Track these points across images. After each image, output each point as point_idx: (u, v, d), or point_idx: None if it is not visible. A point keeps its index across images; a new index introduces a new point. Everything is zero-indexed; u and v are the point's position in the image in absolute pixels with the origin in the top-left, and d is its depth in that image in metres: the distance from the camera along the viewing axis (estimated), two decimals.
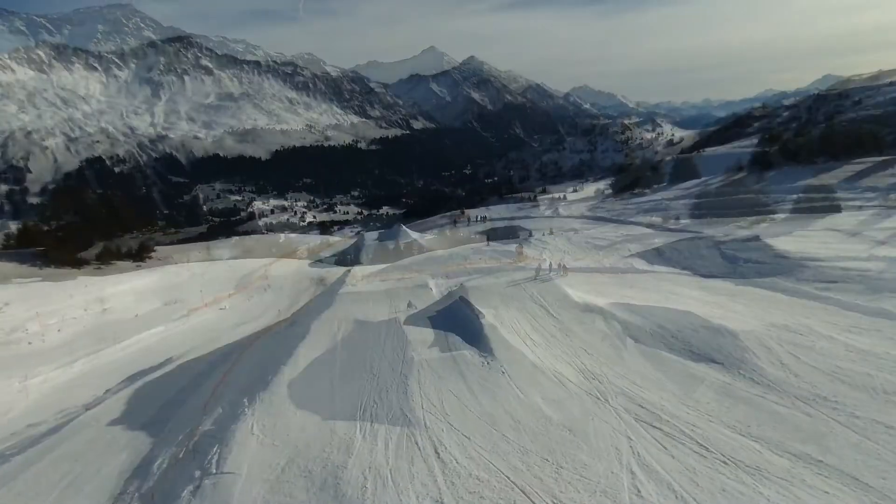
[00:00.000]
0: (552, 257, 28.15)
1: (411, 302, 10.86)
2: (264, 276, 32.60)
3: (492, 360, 8.84)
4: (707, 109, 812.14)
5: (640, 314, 10.54)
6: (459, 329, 10.00)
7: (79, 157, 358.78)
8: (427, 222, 53.80)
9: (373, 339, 9.74)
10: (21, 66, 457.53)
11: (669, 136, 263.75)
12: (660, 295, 12.56)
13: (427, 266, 13.51)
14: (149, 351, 21.31)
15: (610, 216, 40.46)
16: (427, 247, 33.54)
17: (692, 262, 15.70)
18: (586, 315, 9.96)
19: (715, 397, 7.01)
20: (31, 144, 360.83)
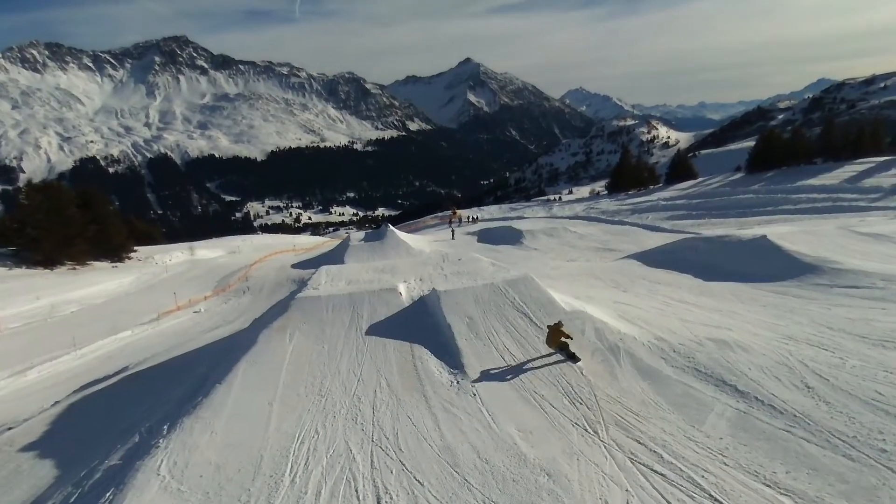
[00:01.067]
0: (543, 258, 26.89)
1: (377, 308, 9.48)
2: (244, 277, 31.19)
3: (462, 379, 7.50)
4: (702, 112, 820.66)
5: (635, 323, 9.22)
6: (428, 340, 8.64)
7: (73, 156, 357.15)
8: (418, 223, 52.43)
9: (327, 353, 8.37)
10: (15, 65, 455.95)
11: (665, 138, 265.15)
12: (657, 301, 11.24)
13: (400, 268, 12.13)
14: (109, 358, 19.88)
15: (605, 216, 39.20)
16: (415, 248, 32.16)
17: (692, 265, 14.37)
18: (574, 324, 8.62)
19: (728, 430, 5.68)
20: (25, 144, 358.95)
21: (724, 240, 14.94)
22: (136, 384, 10.13)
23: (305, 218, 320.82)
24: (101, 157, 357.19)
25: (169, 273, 34.81)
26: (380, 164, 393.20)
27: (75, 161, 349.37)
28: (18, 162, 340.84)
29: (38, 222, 32.72)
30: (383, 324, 9.23)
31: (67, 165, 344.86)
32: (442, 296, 9.43)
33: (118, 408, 9.03)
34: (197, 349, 11.98)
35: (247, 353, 8.49)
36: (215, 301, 27.56)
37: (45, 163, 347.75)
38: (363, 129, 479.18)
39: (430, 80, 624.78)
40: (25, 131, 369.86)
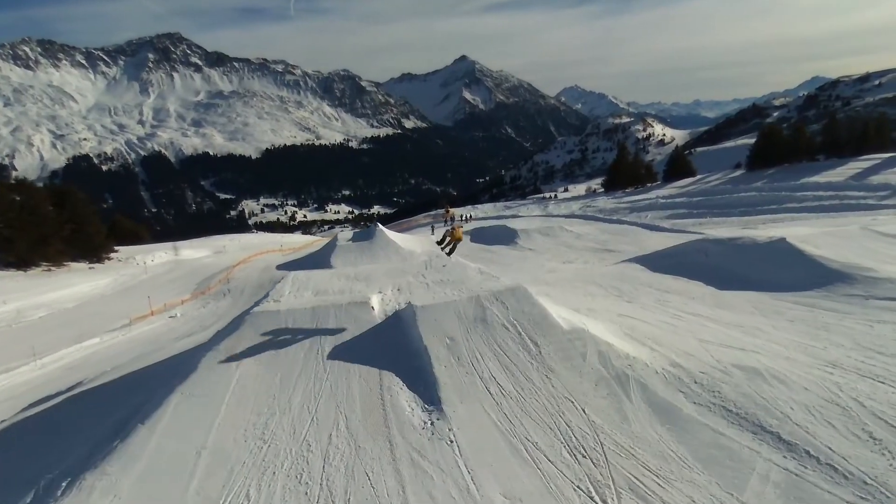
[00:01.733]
0: (538, 259, 25.55)
1: (344, 326, 8.08)
2: (226, 279, 29.72)
3: (438, 418, 6.13)
4: (696, 110, 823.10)
5: (644, 343, 7.86)
6: (401, 366, 7.26)
7: (66, 154, 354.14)
8: (410, 221, 50.97)
9: (279, 383, 6.98)
10: (7, 62, 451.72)
11: (660, 135, 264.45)
12: (667, 314, 9.88)
13: (376, 276, 10.74)
14: (71, 369, 18.40)
15: (602, 215, 37.88)
16: (405, 248, 30.79)
17: (703, 270, 13.01)
18: (574, 346, 7.25)
19: (779, 501, 4.32)
20: (17, 141, 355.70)
21: (738, 242, 13.59)
22: (68, 411, 8.72)
23: (301, 216, 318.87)
24: (94, 154, 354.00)
25: (149, 274, 33.32)
26: (375, 161, 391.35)
27: (68, 159, 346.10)
28: (11, 160, 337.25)
29: (10, 221, 31.16)
30: (350, 345, 7.84)
31: (60, 163, 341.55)
32: (419, 312, 8.04)
33: (36, 446, 7.62)
34: (148, 367, 10.56)
35: (184, 382, 7.08)
36: (193, 305, 26.10)
37: (37, 161, 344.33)
38: (358, 126, 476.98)
39: (426, 77, 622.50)
40: (18, 129, 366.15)
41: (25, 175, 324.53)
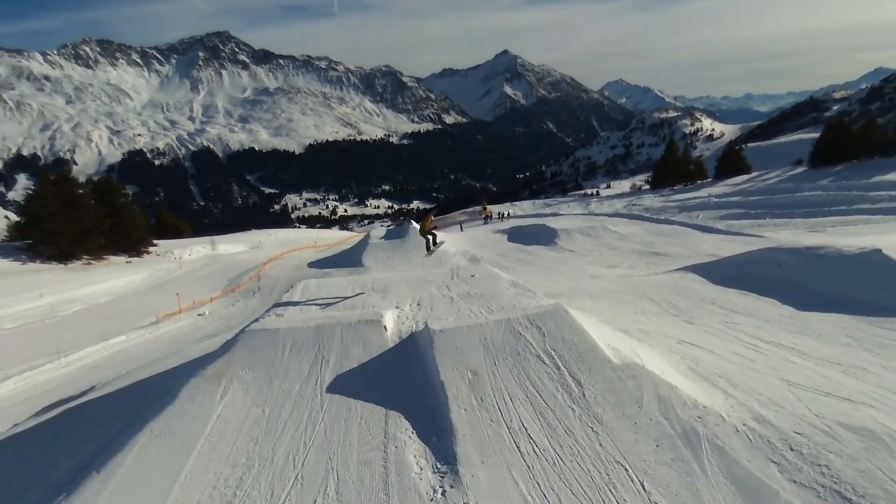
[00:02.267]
0: (579, 262, 23.82)
1: (350, 349, 6.87)
2: (257, 276, 29.26)
3: (452, 486, 4.82)
4: (748, 104, 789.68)
5: (716, 384, 6.31)
6: (412, 406, 5.99)
7: (121, 149, 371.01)
8: (446, 218, 49.76)
9: (266, 423, 5.83)
10: (69, 61, 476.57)
11: (709, 130, 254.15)
12: (738, 342, 8.22)
13: (395, 286, 9.50)
14: (95, 368, 18.03)
15: (649, 214, 35.61)
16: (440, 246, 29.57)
17: (776, 285, 11.16)
18: (627, 387, 5.79)
19: None
20: (77, 137, 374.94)
21: (819, 253, 11.63)
22: (47, 436, 7.86)
23: (342, 210, 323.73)
24: (147, 149, 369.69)
25: (183, 270, 33.35)
26: (415, 157, 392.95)
27: (123, 154, 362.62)
28: (72, 154, 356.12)
29: (52, 215, 31.70)
30: (355, 375, 6.61)
31: (116, 158, 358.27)
32: (437, 337, 6.72)
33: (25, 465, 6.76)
34: (143, 381, 9.68)
35: (158, 415, 6.02)
36: (222, 303, 25.70)
37: (96, 155, 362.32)
38: (399, 122, 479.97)
39: (467, 72, 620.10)
40: (78, 125, 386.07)
41: (84, 169, 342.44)
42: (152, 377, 9.53)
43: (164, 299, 26.00)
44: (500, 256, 27.74)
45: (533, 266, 23.91)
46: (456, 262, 27.30)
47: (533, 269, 23.23)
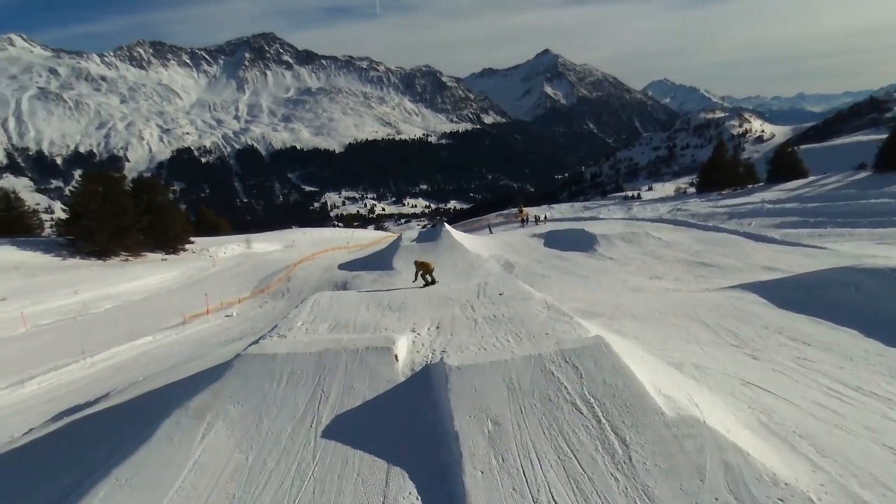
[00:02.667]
0: (620, 271, 22.33)
1: (355, 382, 5.96)
2: (287, 277, 28.91)
3: None
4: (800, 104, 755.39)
5: (797, 448, 5.08)
6: (420, 460, 5.01)
7: (170, 147, 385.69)
8: (481, 220, 48.62)
9: (247, 476, 4.96)
10: (124, 62, 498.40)
11: (759, 131, 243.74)
12: (818, 388, 6.85)
13: (414, 304, 8.54)
14: (119, 369, 17.83)
15: (696, 220, 33.54)
16: (472, 251, 28.58)
17: (855, 313, 9.62)
18: (684, 449, 4.64)
19: None
20: (130, 135, 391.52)
21: None
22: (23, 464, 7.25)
23: (379, 209, 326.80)
24: (195, 147, 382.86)
25: (216, 268, 33.44)
26: (453, 156, 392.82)
27: (173, 151, 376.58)
28: (125, 152, 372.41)
29: (91, 213, 32.31)
30: (356, 415, 5.68)
31: (166, 155, 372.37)
32: (453, 375, 5.70)
33: None
34: (144, 396, 9.05)
35: (128, 458, 5.24)
36: (251, 304, 25.39)
37: (147, 153, 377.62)
38: (438, 121, 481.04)
39: (507, 72, 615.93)
40: (131, 124, 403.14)
41: (136, 166, 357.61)
42: (147, 394, 8.87)
43: (194, 298, 25.92)
44: (535, 262, 26.47)
45: (570, 274, 22.58)
46: (489, 267, 26.25)
47: (570, 277, 21.91)
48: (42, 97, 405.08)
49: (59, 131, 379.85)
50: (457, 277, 24.89)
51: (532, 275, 23.52)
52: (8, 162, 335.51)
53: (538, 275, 23.34)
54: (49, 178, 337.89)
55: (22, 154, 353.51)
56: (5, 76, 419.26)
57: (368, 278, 26.21)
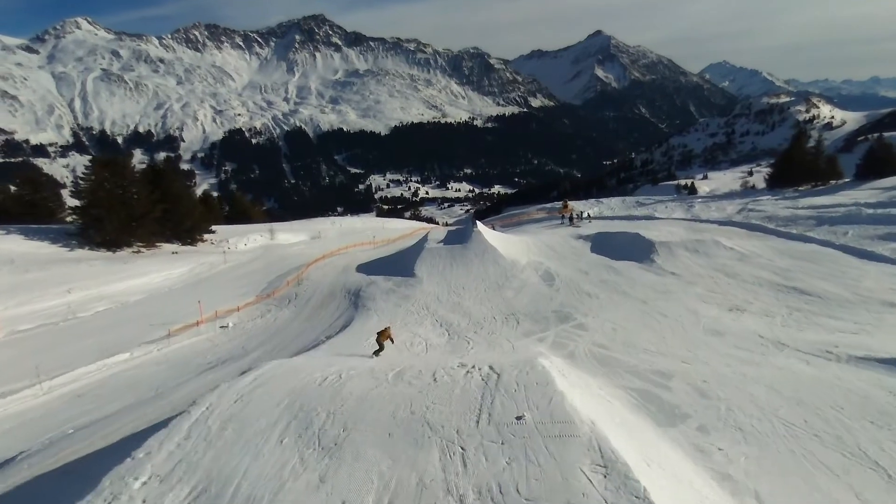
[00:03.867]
0: (685, 295, 18.01)
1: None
2: (299, 279, 25.93)
3: None
4: (874, 88, 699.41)
5: None
6: None
7: (223, 128, 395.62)
8: (521, 214, 44.34)
9: None
10: (180, 45, 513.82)
11: (828, 117, 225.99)
12: None
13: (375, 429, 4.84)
14: (77, 397, 15.13)
15: (773, 225, 28.35)
16: (507, 256, 24.71)
17: None
18: None
19: None
20: (186, 116, 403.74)
21: None
22: None
23: (423, 192, 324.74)
24: (246, 129, 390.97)
25: (227, 264, 30.91)
26: (499, 140, 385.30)
27: (225, 132, 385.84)
28: (180, 132, 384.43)
29: (99, 201, 30.28)
30: None
31: (218, 136, 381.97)
32: None
33: None
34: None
35: None
36: (251, 312, 22.52)
37: (200, 133, 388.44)
38: (484, 104, 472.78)
39: (557, 54, 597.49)
40: (187, 105, 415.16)
41: (190, 146, 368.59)
42: None
43: (194, 301, 23.34)
44: (580, 274, 22.39)
45: (623, 296, 18.45)
46: (526, 277, 22.39)
47: (623, 300, 17.80)
48: (105, 78, 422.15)
49: (121, 111, 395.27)
50: (488, 289, 21.21)
51: (576, 292, 19.55)
52: (74, 140, 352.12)
53: (584, 293, 19.34)
54: None
55: (86, 133, 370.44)
56: (72, 58, 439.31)
57: (385, 286, 22.86)
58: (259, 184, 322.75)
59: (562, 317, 16.22)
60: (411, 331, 16.10)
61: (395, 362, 9.10)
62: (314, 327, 19.50)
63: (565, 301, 18.32)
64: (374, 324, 17.57)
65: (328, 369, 7.32)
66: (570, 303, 18.04)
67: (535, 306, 18.19)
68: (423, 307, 19.34)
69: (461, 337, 15.00)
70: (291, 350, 17.10)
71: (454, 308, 18.94)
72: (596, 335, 13.54)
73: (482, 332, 15.50)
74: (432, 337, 15.17)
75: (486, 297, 20.09)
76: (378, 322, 18.06)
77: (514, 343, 13.20)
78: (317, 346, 15.57)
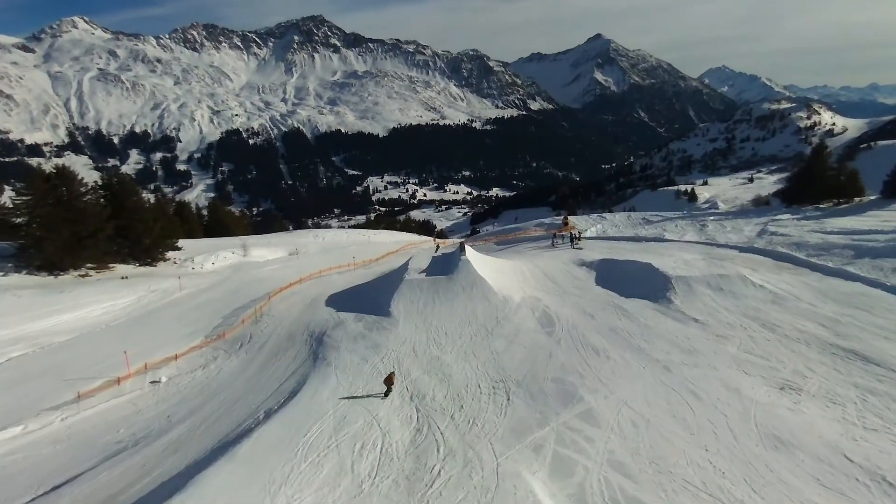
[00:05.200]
0: (718, 355, 14.50)
1: None
2: (256, 314, 22.37)
3: None
4: (872, 95, 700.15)
5: None
6: None
7: (220, 129, 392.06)
8: (517, 232, 40.79)
9: None
10: (178, 45, 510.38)
11: (829, 124, 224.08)
12: None
13: None
14: None
15: (805, 255, 24.82)
16: (499, 292, 21.19)
17: None
18: None
19: None
20: (183, 116, 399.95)
21: None
22: None
23: (421, 195, 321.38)
24: (243, 129, 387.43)
25: (184, 291, 27.25)
26: (497, 143, 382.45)
27: (222, 133, 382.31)
28: (177, 133, 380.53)
29: (42, 217, 26.67)
30: None
31: (215, 137, 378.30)
32: None
33: None
34: None
35: None
36: (194, 359, 18.93)
37: (197, 134, 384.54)
38: (483, 107, 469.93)
39: (556, 57, 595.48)
40: (184, 105, 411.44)
41: (187, 147, 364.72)
42: None
43: (133, 342, 19.81)
44: (585, 316, 18.89)
45: (638, 356, 14.93)
46: (519, 320, 18.87)
47: (638, 365, 14.28)
48: (101, 78, 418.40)
49: (117, 111, 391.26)
50: (475, 336, 17.62)
51: (581, 345, 16.05)
52: (69, 140, 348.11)
53: (590, 347, 15.84)
54: (106, 157, 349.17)
55: (82, 133, 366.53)
56: (69, 58, 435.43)
57: (354, 329, 19.31)
58: (256, 185, 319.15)
59: (564, 393, 12.68)
60: (369, 410, 12.55)
61: None
62: (261, 387, 15.92)
63: (567, 362, 14.80)
64: (329, 391, 14.08)
65: None
66: (574, 365, 14.52)
67: (530, 367, 14.67)
68: (394, 364, 15.79)
69: (431, 427, 11.43)
70: (225, 425, 13.57)
71: (431, 366, 15.41)
72: (612, 440, 10.00)
73: (461, 416, 11.95)
74: (394, 425, 11.62)
75: (472, 350, 16.55)
76: (337, 384, 14.59)
77: (498, 460, 9.62)
78: (249, 432, 11.99)
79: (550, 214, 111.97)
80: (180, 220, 47.61)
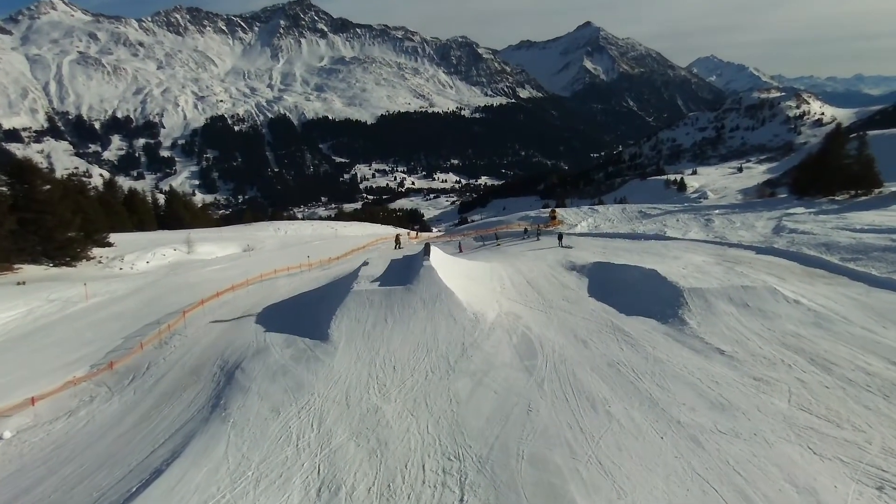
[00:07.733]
0: (761, 413, 10.27)
1: None
2: (163, 335, 17.74)
3: None
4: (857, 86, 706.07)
5: None
6: None
7: (205, 115, 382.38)
8: (500, 226, 36.30)
9: None
10: (161, 28, 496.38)
11: (818, 114, 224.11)
12: None
13: None
14: None
15: (838, 259, 20.69)
16: (469, 308, 16.80)
17: None
18: None
19: None
20: (166, 101, 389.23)
21: None
22: None
23: (409, 183, 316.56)
24: (228, 115, 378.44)
25: (92, 299, 22.51)
26: (486, 131, 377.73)
27: (207, 119, 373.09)
28: (160, 118, 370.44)
29: None
30: None
31: (200, 123, 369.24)
32: None
33: None
34: None
35: None
36: (63, 402, 14.35)
37: (181, 119, 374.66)
38: (472, 94, 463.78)
39: (545, 45, 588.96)
40: (167, 90, 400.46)
41: (171, 133, 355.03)
42: None
43: (9, 371, 15.27)
44: (575, 343, 14.61)
45: (651, 412, 10.66)
46: (490, 348, 14.53)
47: (653, 432, 10.02)
48: (82, 62, 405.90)
49: (98, 96, 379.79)
50: (431, 372, 13.18)
51: (571, 390, 11.77)
52: (49, 126, 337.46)
53: (583, 394, 11.56)
54: (87, 143, 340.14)
55: (62, 118, 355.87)
56: (47, 40, 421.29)
57: (279, 358, 14.84)
58: (241, 172, 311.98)
59: (546, 493, 8.34)
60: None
61: None
62: (129, 453, 11.43)
63: (552, 424, 10.45)
64: (205, 472, 9.66)
65: None
66: (561, 431, 10.18)
67: (500, 431, 10.32)
68: (315, 420, 11.37)
69: None
70: None
71: (364, 425, 11.00)
72: None
73: None
74: None
75: (425, 395, 12.16)
76: (223, 456, 10.20)
77: None
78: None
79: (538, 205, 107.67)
80: (128, 210, 42.58)
